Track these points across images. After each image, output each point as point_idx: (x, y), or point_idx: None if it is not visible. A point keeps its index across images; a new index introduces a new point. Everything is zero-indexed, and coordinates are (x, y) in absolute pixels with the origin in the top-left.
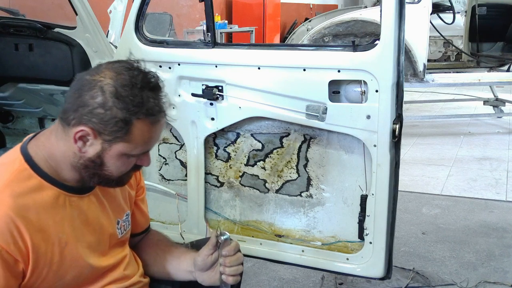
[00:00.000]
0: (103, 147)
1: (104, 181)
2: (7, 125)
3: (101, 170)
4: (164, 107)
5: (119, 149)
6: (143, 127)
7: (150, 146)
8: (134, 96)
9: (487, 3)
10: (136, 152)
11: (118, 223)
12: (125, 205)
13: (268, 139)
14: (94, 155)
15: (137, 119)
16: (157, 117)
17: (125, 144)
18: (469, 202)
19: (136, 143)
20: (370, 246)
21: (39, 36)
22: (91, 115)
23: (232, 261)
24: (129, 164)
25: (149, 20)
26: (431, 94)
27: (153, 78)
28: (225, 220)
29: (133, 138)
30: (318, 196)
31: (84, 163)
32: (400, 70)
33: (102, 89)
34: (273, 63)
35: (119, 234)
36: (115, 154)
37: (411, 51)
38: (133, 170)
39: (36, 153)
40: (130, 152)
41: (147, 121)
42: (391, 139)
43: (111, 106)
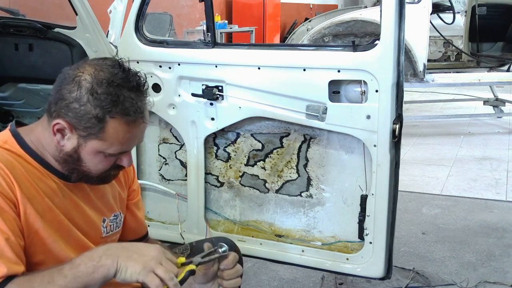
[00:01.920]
0: (78, 142)
1: (84, 177)
2: (7, 125)
3: (79, 165)
4: (143, 109)
5: (93, 146)
6: (117, 127)
7: (127, 147)
8: (109, 94)
9: (487, 3)
10: (112, 151)
11: (104, 221)
12: (114, 205)
13: (268, 139)
14: (71, 150)
15: (111, 117)
16: (133, 118)
17: (99, 142)
18: (469, 202)
19: (111, 142)
20: (370, 246)
21: (39, 36)
22: (67, 109)
23: (231, 274)
24: (107, 163)
25: (149, 20)
26: (431, 94)
27: (136, 79)
28: (225, 220)
29: (107, 136)
30: (318, 196)
31: (63, 157)
32: (400, 70)
33: (79, 84)
34: (273, 63)
35: (103, 232)
36: (90, 150)
37: (411, 51)
38: (115, 169)
39: (26, 134)
40: (105, 150)
41: (122, 120)
42: (391, 139)
43: (85, 102)
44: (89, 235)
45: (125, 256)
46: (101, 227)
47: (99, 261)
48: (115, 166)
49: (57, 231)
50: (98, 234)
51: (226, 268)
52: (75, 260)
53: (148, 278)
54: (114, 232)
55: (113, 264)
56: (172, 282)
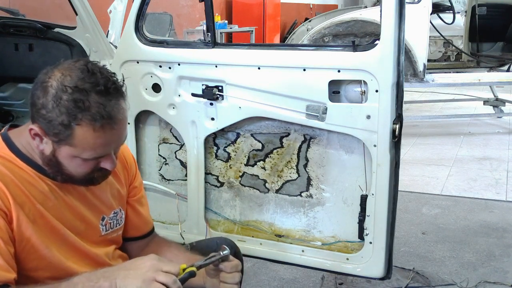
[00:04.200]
0: (53, 147)
1: (69, 180)
2: None
3: (60, 168)
4: (112, 114)
5: (66, 151)
6: (85, 133)
7: (102, 152)
8: (74, 101)
9: (487, 3)
10: (86, 156)
11: (103, 219)
12: (113, 202)
13: (268, 139)
14: (50, 154)
15: (77, 124)
16: (100, 123)
17: (71, 148)
18: (469, 202)
19: (82, 148)
20: (370, 246)
21: (39, 36)
22: (38, 115)
23: (227, 278)
24: (87, 166)
25: (149, 20)
26: (431, 94)
27: (105, 82)
28: (225, 220)
29: (77, 142)
30: (318, 196)
31: (45, 160)
32: (400, 70)
33: (45, 90)
34: (273, 63)
35: (102, 230)
36: (65, 155)
37: (411, 51)
38: (99, 172)
39: (16, 137)
40: (80, 155)
41: (90, 127)
42: (391, 139)
43: (51, 109)
44: (86, 235)
45: (122, 276)
46: (100, 225)
47: (97, 282)
48: (98, 169)
49: (49, 237)
50: (97, 233)
51: (224, 270)
52: (73, 279)
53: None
54: (115, 229)
55: (111, 286)
56: (176, 285)
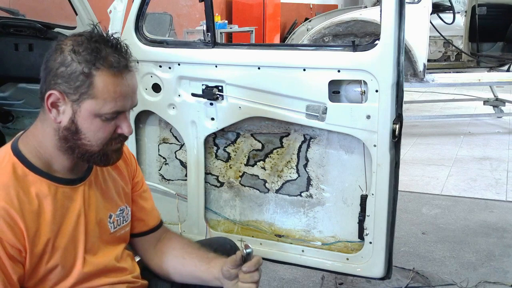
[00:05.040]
0: (73, 109)
1: (87, 155)
2: (7, 125)
3: (79, 139)
4: (127, 61)
5: (88, 108)
6: (105, 79)
7: (120, 103)
8: (90, 49)
9: (487, 3)
10: (106, 110)
11: (110, 217)
12: (118, 199)
13: (268, 139)
14: (69, 122)
15: (97, 69)
16: (118, 69)
17: (92, 101)
18: (469, 202)
19: (104, 98)
20: (370, 246)
21: (39, 36)
22: (56, 77)
23: (246, 278)
24: (106, 130)
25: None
26: (431, 94)
27: (114, 39)
28: (225, 220)
29: (97, 92)
30: (318, 196)
31: (62, 135)
32: (400, 70)
33: (61, 49)
34: (273, 63)
35: (111, 228)
36: (86, 115)
37: (411, 51)
38: (116, 141)
39: (26, 146)
40: (100, 110)
41: (109, 72)
42: (391, 139)
43: (70, 61)
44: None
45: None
46: (108, 223)
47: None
48: (115, 137)
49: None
50: (106, 231)
51: (248, 271)
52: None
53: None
54: (122, 226)
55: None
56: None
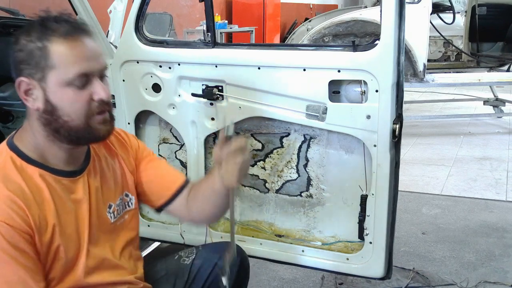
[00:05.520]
0: (43, 88)
1: (73, 134)
2: (7, 125)
3: (58, 117)
4: (80, 26)
5: (54, 81)
6: (59, 46)
7: (83, 65)
8: (42, 26)
9: (487, 3)
10: (70, 74)
11: (110, 207)
12: (118, 188)
13: (268, 139)
14: (44, 103)
15: (49, 40)
16: (70, 34)
17: (55, 72)
18: (469, 202)
19: (64, 64)
20: (370, 246)
21: None
22: (18, 65)
23: (229, 160)
24: (80, 98)
25: (149, 20)
26: (431, 94)
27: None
28: (225, 220)
29: (56, 60)
30: (318, 196)
31: (44, 120)
32: (400, 70)
33: (16, 39)
34: (273, 63)
35: (111, 218)
36: (56, 89)
37: (411, 51)
38: (97, 110)
39: (21, 142)
40: (65, 77)
41: (61, 39)
42: (391, 139)
43: (25, 44)
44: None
45: None
46: (107, 213)
47: None
48: (95, 106)
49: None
50: (107, 222)
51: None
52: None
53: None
54: (124, 212)
55: None
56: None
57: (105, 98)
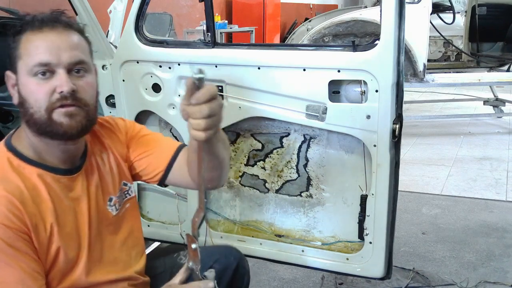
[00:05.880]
0: (16, 78)
1: (39, 126)
2: (7, 125)
3: (26, 109)
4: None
5: (20, 71)
6: (27, 37)
7: (45, 56)
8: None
9: (487, 3)
10: (31, 62)
11: (110, 200)
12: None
13: (268, 139)
14: (18, 95)
15: (23, 33)
16: (39, 27)
17: (21, 61)
18: (469, 202)
19: (27, 54)
20: (370, 246)
21: None
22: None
23: (194, 112)
24: (41, 89)
25: (149, 20)
26: (431, 94)
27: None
28: (225, 220)
29: (22, 51)
30: (318, 196)
31: (21, 113)
32: (400, 70)
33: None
34: (273, 63)
35: (112, 211)
36: (23, 80)
37: (411, 51)
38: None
39: (18, 141)
40: (27, 66)
41: (31, 32)
42: (391, 139)
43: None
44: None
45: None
46: (108, 207)
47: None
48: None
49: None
50: (108, 216)
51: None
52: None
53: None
54: (124, 202)
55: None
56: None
57: (66, 91)
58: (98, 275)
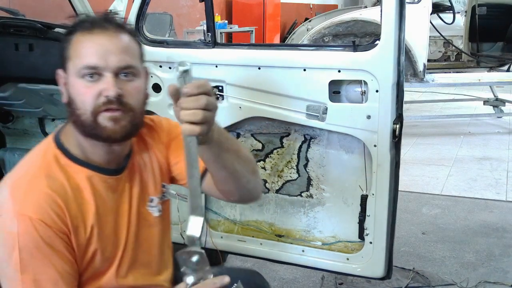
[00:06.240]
0: (65, 79)
1: (84, 128)
2: (7, 125)
3: (74, 109)
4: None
5: (69, 72)
6: (77, 38)
7: (92, 59)
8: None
9: (487, 3)
10: (79, 64)
11: (151, 201)
12: (156, 182)
13: (268, 139)
14: (66, 95)
15: (74, 33)
16: (89, 29)
17: (70, 63)
18: (469, 202)
19: (76, 55)
20: (370, 246)
21: (39, 36)
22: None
23: (188, 103)
24: (88, 92)
25: (149, 20)
26: (431, 94)
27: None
28: (225, 220)
29: (72, 51)
30: (318, 196)
31: (68, 112)
32: (400, 70)
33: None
34: (273, 63)
35: (153, 212)
36: (71, 81)
37: (411, 51)
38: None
39: (66, 137)
40: (75, 67)
41: (81, 33)
42: (391, 139)
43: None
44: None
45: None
46: (149, 208)
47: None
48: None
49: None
50: (148, 217)
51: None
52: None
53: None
54: (163, 203)
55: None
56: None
57: (112, 95)
58: (130, 278)
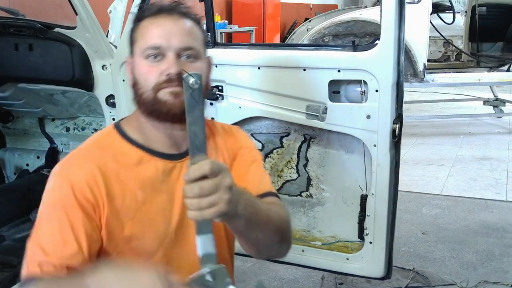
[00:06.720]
0: (131, 64)
1: (145, 106)
2: (7, 125)
3: (138, 89)
4: (174, 9)
5: (135, 53)
6: (144, 23)
7: (158, 40)
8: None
9: (487, 3)
10: (143, 45)
11: None
12: None
13: (268, 139)
14: (132, 76)
15: (142, 19)
16: (156, 14)
17: (136, 45)
18: (469, 202)
19: (142, 37)
20: (370, 246)
21: (39, 36)
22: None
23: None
24: (152, 71)
25: None
26: (431, 94)
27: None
28: None
29: (138, 34)
30: (318, 196)
31: (133, 94)
32: (400, 70)
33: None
34: (273, 63)
35: None
36: (136, 62)
37: (411, 51)
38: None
39: (127, 124)
40: (140, 48)
41: (148, 18)
42: (391, 139)
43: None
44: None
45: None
46: None
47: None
48: (164, 80)
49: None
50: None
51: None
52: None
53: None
54: None
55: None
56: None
57: (173, 73)
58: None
